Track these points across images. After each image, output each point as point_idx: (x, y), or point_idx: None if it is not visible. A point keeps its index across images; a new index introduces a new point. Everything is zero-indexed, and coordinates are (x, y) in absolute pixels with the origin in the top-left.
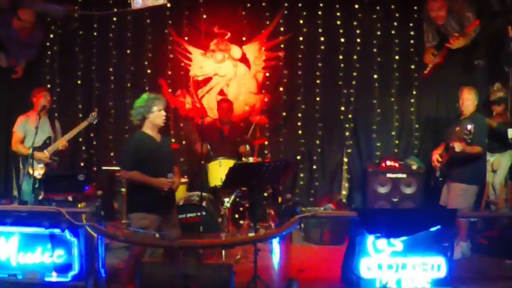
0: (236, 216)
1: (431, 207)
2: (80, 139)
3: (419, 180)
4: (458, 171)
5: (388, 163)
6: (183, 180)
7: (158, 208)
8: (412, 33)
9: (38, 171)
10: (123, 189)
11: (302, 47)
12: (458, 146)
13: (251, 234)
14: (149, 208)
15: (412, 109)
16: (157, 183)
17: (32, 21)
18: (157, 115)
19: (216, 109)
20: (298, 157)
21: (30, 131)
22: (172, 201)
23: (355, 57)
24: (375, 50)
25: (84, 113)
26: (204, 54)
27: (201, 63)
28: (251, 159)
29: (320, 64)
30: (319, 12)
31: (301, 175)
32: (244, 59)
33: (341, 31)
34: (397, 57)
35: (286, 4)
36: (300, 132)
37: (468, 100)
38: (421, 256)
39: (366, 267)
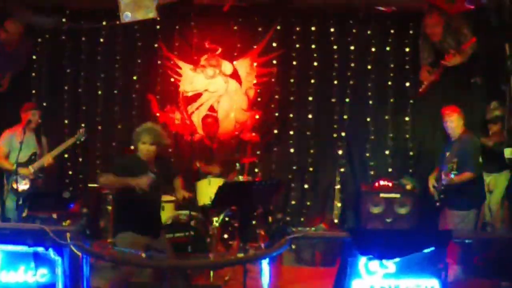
0: (225, 236)
1: (425, 228)
2: (66, 155)
3: (413, 201)
4: (454, 198)
5: (382, 182)
6: (186, 194)
7: (144, 229)
8: (407, 49)
9: (22, 186)
10: (109, 207)
11: (294, 63)
12: (444, 179)
13: (241, 255)
14: (135, 228)
15: (407, 127)
16: (135, 182)
17: (19, 33)
18: (141, 149)
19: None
20: (290, 176)
21: (15, 146)
22: (158, 224)
23: (349, 73)
24: (369, 66)
25: (71, 128)
26: (195, 70)
27: (191, 78)
28: (241, 178)
29: (313, 81)
30: (313, 28)
31: (293, 194)
32: (235, 75)
33: (335, 47)
34: (392, 74)
35: (279, 20)
36: (291, 150)
37: (452, 122)
38: (414, 278)
39: None
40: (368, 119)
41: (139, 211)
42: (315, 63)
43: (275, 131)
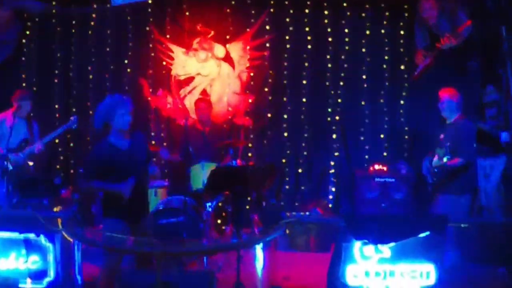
0: (219, 221)
1: (421, 213)
2: (57, 141)
3: (408, 185)
4: (447, 183)
5: (377, 167)
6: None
7: (123, 214)
8: (402, 32)
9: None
10: (101, 193)
11: (288, 46)
12: (435, 162)
13: (234, 240)
14: (114, 213)
15: (401, 111)
16: (118, 189)
17: (8, 17)
18: (120, 122)
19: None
20: (284, 161)
21: (5, 131)
22: (141, 207)
23: (343, 57)
24: (364, 50)
25: (62, 113)
26: (187, 53)
27: (183, 62)
28: (234, 162)
29: (306, 64)
30: (306, 11)
31: (287, 179)
32: (228, 59)
33: (329, 30)
34: (386, 58)
35: (272, 2)
36: (285, 134)
37: (448, 105)
38: (409, 263)
39: (353, 275)
40: (363, 103)
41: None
42: (309, 46)
43: (269, 115)
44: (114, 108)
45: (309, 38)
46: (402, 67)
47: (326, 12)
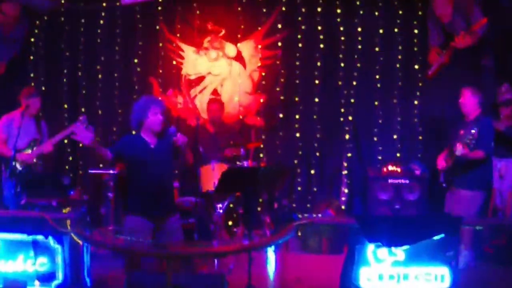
0: (230, 223)
1: (435, 215)
2: (66, 141)
3: (422, 186)
4: (463, 177)
5: (390, 168)
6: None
7: (145, 211)
8: (416, 31)
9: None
10: (111, 194)
11: (300, 45)
12: (459, 151)
13: (245, 242)
14: (136, 210)
15: (415, 111)
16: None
17: (16, 15)
18: (153, 120)
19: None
20: (295, 161)
21: (14, 132)
22: (166, 206)
23: (356, 56)
24: (377, 49)
25: (70, 113)
26: (197, 52)
27: (194, 61)
28: (245, 163)
29: (319, 64)
30: (319, 9)
31: (298, 180)
32: (239, 58)
33: (341, 28)
34: (400, 57)
35: (283, 0)
36: (297, 134)
37: (469, 103)
38: (424, 266)
39: (366, 278)
40: (376, 103)
41: (146, 192)
42: (321, 45)
43: (280, 115)
44: (149, 107)
45: (321, 37)
46: (416, 66)
47: (338, 11)
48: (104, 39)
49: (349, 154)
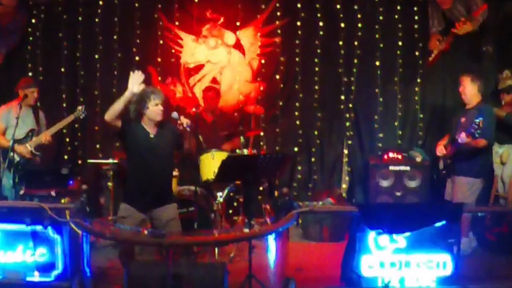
0: (230, 211)
1: (436, 202)
2: (64, 131)
3: (423, 173)
4: (463, 164)
5: (391, 155)
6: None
7: (138, 201)
8: (416, 18)
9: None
10: (110, 183)
11: (300, 32)
12: (462, 139)
13: (246, 231)
14: (130, 199)
15: (416, 98)
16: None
17: (14, 5)
18: (153, 110)
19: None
20: (296, 149)
21: (11, 122)
22: (162, 196)
23: (356, 43)
24: (377, 35)
25: (69, 103)
26: (196, 40)
27: (192, 49)
28: (245, 151)
29: (319, 51)
30: None
31: (299, 168)
32: (238, 46)
33: (341, 15)
34: (400, 43)
35: None
36: (297, 122)
37: (469, 90)
38: (425, 253)
39: (367, 265)
40: (376, 90)
41: (144, 182)
42: (321, 33)
43: (280, 103)
44: (148, 97)
45: (321, 24)
46: (416, 53)
47: None
48: (102, 28)
49: (350, 142)
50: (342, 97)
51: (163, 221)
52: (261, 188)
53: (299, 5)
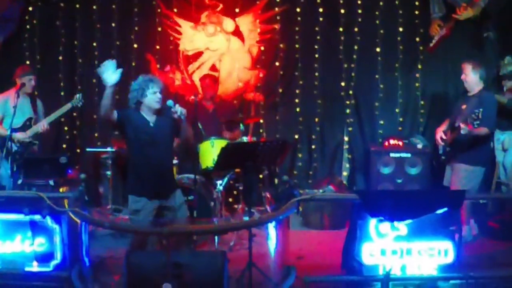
0: (230, 199)
1: (438, 189)
2: (62, 119)
3: (424, 160)
4: (463, 151)
5: (392, 142)
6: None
7: (147, 190)
8: (417, 3)
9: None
10: (109, 172)
11: (299, 19)
12: (464, 129)
13: (246, 219)
14: (138, 190)
15: (417, 84)
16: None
17: None
18: (152, 98)
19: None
20: (296, 136)
21: (9, 111)
22: (168, 183)
23: (356, 29)
24: (377, 21)
25: (67, 91)
26: (195, 27)
27: (191, 36)
28: (245, 139)
29: (318, 37)
30: None
31: (299, 155)
32: (237, 32)
33: (341, 1)
34: (401, 29)
35: None
36: (297, 109)
37: (470, 78)
38: (427, 241)
39: (369, 253)
40: (377, 76)
41: (147, 171)
42: (321, 19)
43: (280, 90)
44: (147, 85)
45: (321, 10)
46: (417, 39)
47: None
48: (100, 15)
49: (350, 129)
50: (343, 84)
51: (176, 205)
52: (261, 176)
53: None
